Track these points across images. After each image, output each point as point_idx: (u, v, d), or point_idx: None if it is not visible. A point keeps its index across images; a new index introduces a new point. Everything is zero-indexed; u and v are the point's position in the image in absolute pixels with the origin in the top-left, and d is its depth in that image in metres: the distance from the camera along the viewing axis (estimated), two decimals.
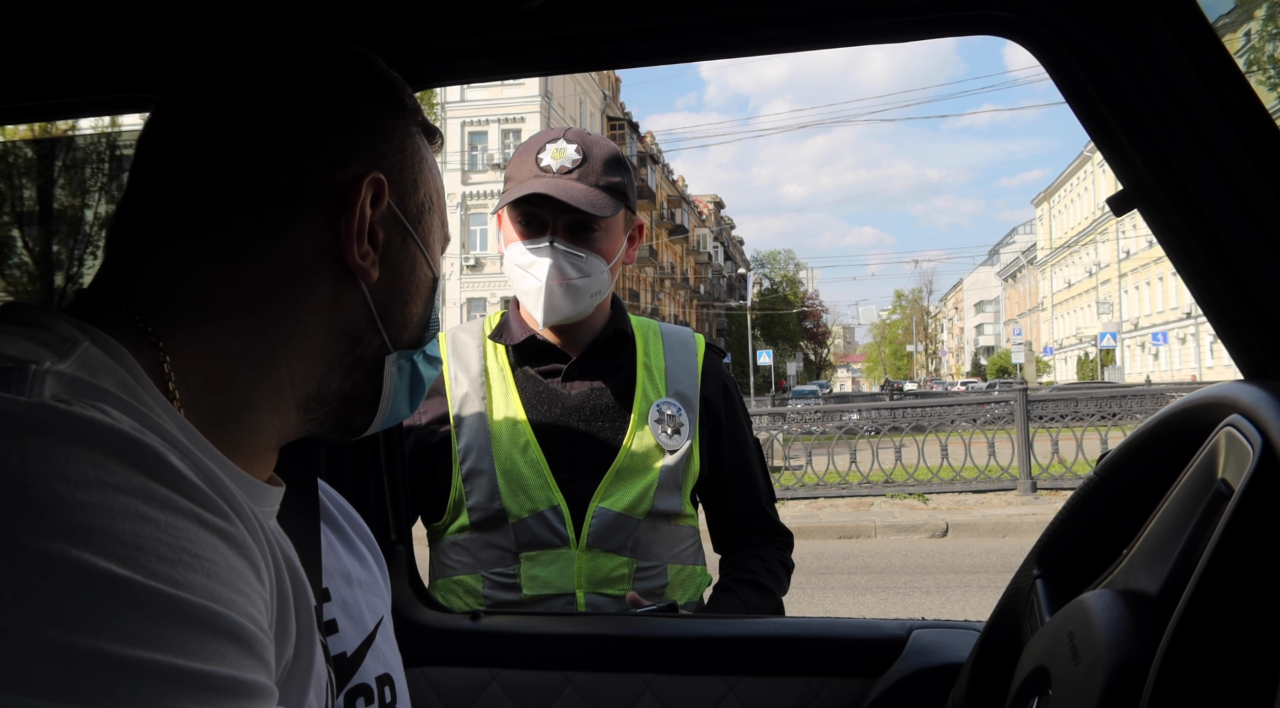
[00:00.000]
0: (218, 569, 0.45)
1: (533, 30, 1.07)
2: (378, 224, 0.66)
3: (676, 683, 1.27)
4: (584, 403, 1.53)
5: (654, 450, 1.52)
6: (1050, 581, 0.86)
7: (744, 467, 1.64)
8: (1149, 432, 0.81)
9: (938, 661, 1.18)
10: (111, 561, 0.41)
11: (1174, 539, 0.64)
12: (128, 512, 0.43)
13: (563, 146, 1.50)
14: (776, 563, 1.63)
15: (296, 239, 0.63)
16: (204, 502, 0.47)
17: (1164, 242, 0.95)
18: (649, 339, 1.62)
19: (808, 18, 1.08)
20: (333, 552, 0.78)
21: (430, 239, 0.72)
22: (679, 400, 1.57)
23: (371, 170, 0.65)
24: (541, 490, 1.47)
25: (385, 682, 0.78)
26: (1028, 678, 0.73)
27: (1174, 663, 0.54)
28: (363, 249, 0.65)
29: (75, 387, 0.48)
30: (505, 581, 1.47)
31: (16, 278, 3.06)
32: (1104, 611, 0.64)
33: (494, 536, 1.48)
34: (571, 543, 1.47)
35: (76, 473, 0.42)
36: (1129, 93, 0.93)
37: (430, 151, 0.74)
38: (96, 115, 1.31)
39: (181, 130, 0.64)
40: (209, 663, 0.42)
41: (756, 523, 1.66)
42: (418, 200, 0.70)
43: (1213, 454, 0.65)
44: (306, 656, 0.58)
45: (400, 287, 0.69)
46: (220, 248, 0.62)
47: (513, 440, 1.49)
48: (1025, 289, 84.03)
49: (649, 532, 1.50)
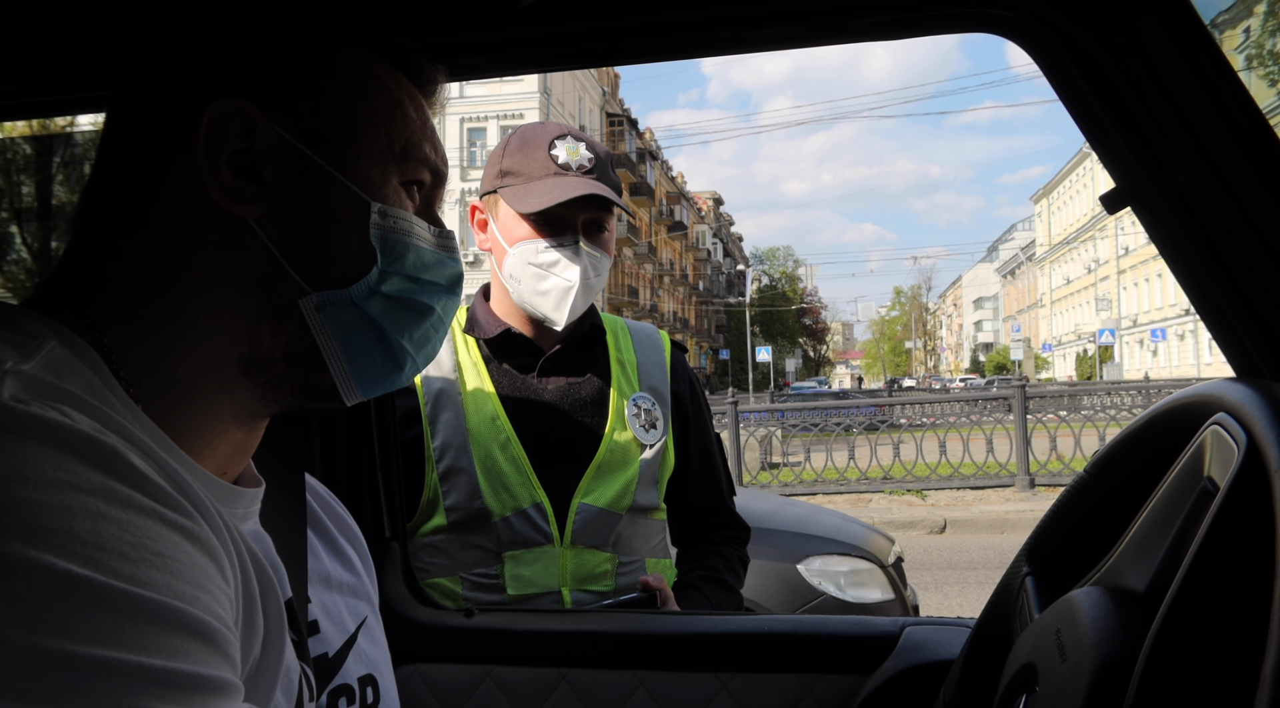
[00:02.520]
0: (181, 567, 0.45)
1: (526, 27, 1.07)
2: (264, 155, 0.61)
3: (670, 680, 1.27)
4: (562, 398, 1.51)
5: (633, 445, 1.51)
6: (1040, 578, 0.86)
7: (709, 461, 1.65)
8: (1138, 430, 0.81)
9: (930, 657, 1.18)
10: (72, 561, 0.41)
11: (1160, 537, 0.64)
12: (88, 511, 0.43)
13: (574, 145, 1.48)
14: (736, 560, 1.64)
15: (171, 189, 0.60)
16: (166, 500, 0.47)
17: (1157, 240, 0.95)
18: (619, 334, 1.62)
19: (802, 15, 1.08)
20: (313, 554, 0.78)
21: (355, 160, 0.63)
22: (652, 395, 1.56)
23: (223, 98, 0.60)
24: (523, 488, 1.45)
25: (368, 682, 0.78)
26: (1016, 675, 0.74)
27: (1159, 660, 0.54)
28: (226, 183, 0.60)
29: (36, 387, 0.48)
30: (487, 581, 1.45)
31: (14, 274, 3.06)
32: (1091, 608, 0.64)
33: (474, 536, 1.45)
34: (555, 540, 1.45)
35: (35, 473, 0.42)
36: (1122, 91, 0.93)
37: (372, 68, 0.66)
38: (96, 112, 1.31)
39: (111, 117, 0.64)
40: (173, 660, 0.42)
41: (718, 517, 1.67)
42: (328, 120, 0.63)
43: (1199, 452, 0.65)
44: (275, 653, 0.57)
45: (307, 217, 0.61)
46: (125, 221, 0.61)
47: (492, 437, 1.46)
48: (1024, 286, 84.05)
49: (629, 527, 1.50)
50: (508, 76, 1.28)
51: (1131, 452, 0.82)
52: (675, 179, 65.33)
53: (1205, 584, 0.55)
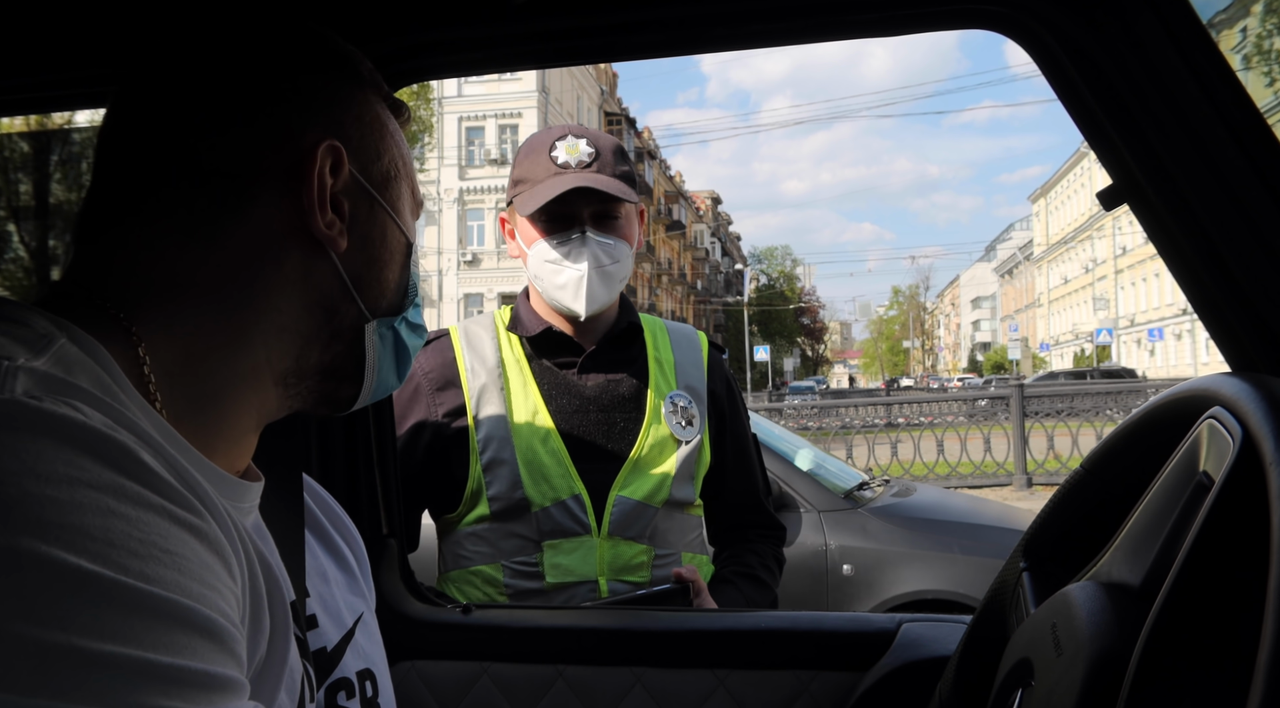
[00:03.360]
0: (189, 565, 0.45)
1: (522, 23, 1.07)
2: (341, 193, 0.66)
3: (667, 676, 1.27)
4: (601, 394, 1.56)
5: (669, 441, 1.55)
6: (1036, 573, 0.87)
7: (745, 460, 1.68)
8: (1134, 425, 0.81)
9: (927, 654, 1.18)
10: (82, 556, 0.41)
11: (1156, 531, 0.64)
12: (98, 508, 0.43)
13: (574, 142, 1.53)
14: (771, 558, 1.67)
15: (260, 214, 0.63)
16: (176, 498, 0.47)
17: (1153, 237, 0.96)
18: (657, 334, 1.66)
19: (799, 11, 1.08)
20: (310, 553, 0.78)
21: (399, 205, 0.72)
22: (689, 393, 1.60)
23: (327, 138, 0.65)
24: (563, 479, 1.49)
25: (366, 676, 0.78)
26: (1012, 670, 0.74)
27: (1153, 654, 0.54)
28: (327, 218, 0.64)
29: (48, 383, 0.48)
30: (528, 569, 1.49)
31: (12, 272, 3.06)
32: (1086, 602, 0.64)
33: (515, 525, 1.50)
34: (593, 531, 1.49)
35: (46, 469, 0.42)
36: (1119, 88, 0.93)
37: (393, 121, 0.73)
38: (93, 108, 1.30)
39: (139, 114, 0.64)
40: (180, 657, 0.42)
41: (754, 516, 1.69)
42: (382, 167, 0.70)
43: (1195, 447, 0.66)
44: (280, 652, 0.58)
45: (373, 254, 0.69)
46: (185, 229, 0.62)
47: (533, 430, 1.51)
48: (1022, 285, 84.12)
49: (665, 520, 1.54)
50: (506, 73, 1.29)
51: (1127, 447, 0.82)
52: (673, 178, 65.34)
53: (1201, 577, 0.55)
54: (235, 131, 0.63)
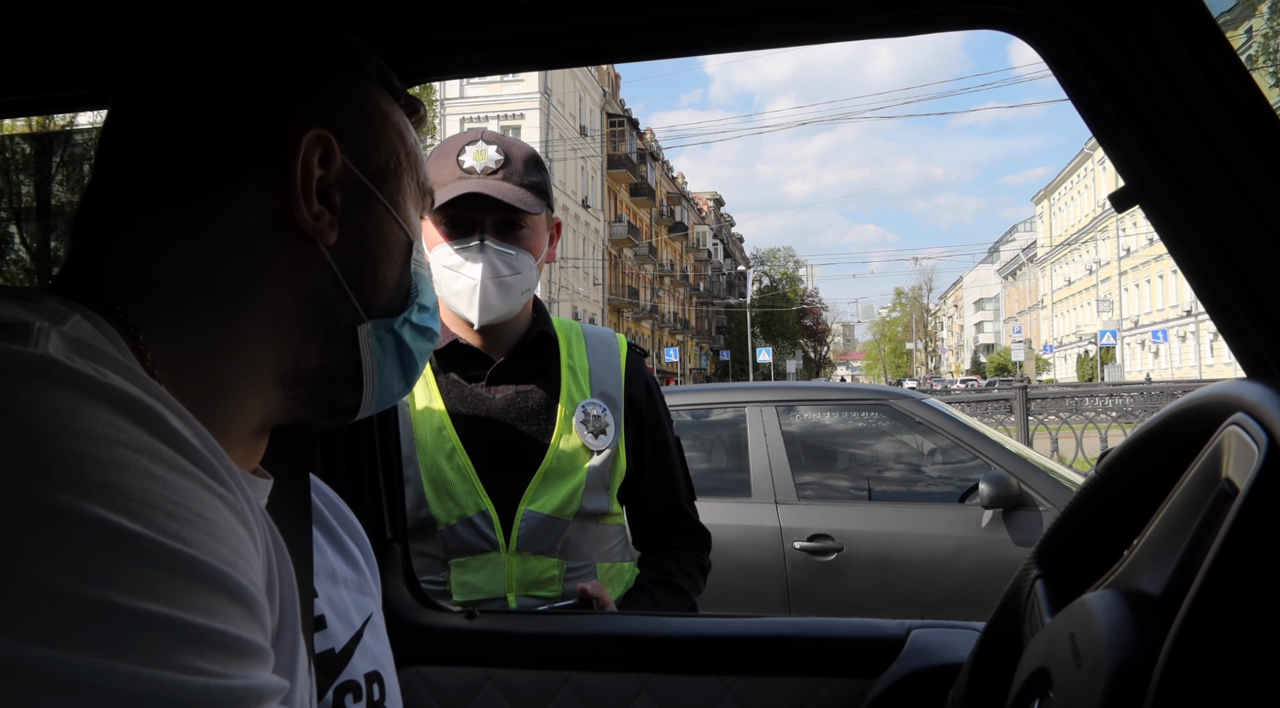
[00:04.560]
0: (221, 531, 0.45)
1: (528, 24, 1.06)
2: (334, 185, 0.64)
3: (673, 683, 1.26)
4: (509, 406, 1.53)
5: (580, 451, 1.52)
6: (1050, 580, 0.85)
7: (665, 465, 1.65)
8: (1151, 430, 0.80)
9: (937, 661, 1.17)
10: (122, 515, 0.40)
11: (1177, 540, 0.63)
12: (136, 468, 0.42)
13: (483, 147, 1.51)
14: (693, 564, 1.64)
15: (246, 205, 0.61)
16: (206, 466, 0.46)
17: (1166, 238, 0.94)
18: (572, 340, 1.63)
19: (807, 11, 1.07)
20: (319, 551, 0.77)
21: (400, 200, 0.69)
22: (604, 401, 1.57)
23: (314, 127, 0.62)
24: (469, 496, 1.47)
25: (374, 679, 0.78)
26: (1028, 680, 0.73)
27: (1178, 666, 0.53)
28: (314, 209, 0.62)
29: (77, 347, 0.48)
30: (435, 588, 1.47)
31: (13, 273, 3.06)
32: (1106, 612, 0.63)
33: (422, 544, 1.48)
34: (501, 547, 1.47)
35: (85, 427, 0.42)
36: (1131, 88, 0.92)
37: (400, 115, 0.71)
38: (95, 109, 1.30)
39: (137, 109, 0.64)
40: (215, 620, 0.42)
41: (676, 521, 1.67)
42: (380, 159, 0.67)
43: (1217, 453, 0.64)
44: (290, 639, 0.57)
45: (367, 249, 0.66)
46: (178, 224, 0.61)
47: (438, 446, 1.49)
48: (1025, 287, 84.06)
49: (578, 532, 1.51)
50: (511, 73, 1.28)
51: (1144, 453, 0.81)
52: (676, 180, 65.37)
53: (1226, 587, 0.54)
54: (227, 125, 0.62)
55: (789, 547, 4.11)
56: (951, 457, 4.42)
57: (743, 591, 4.05)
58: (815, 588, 4.05)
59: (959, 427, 4.32)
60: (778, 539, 4.14)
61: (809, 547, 4.08)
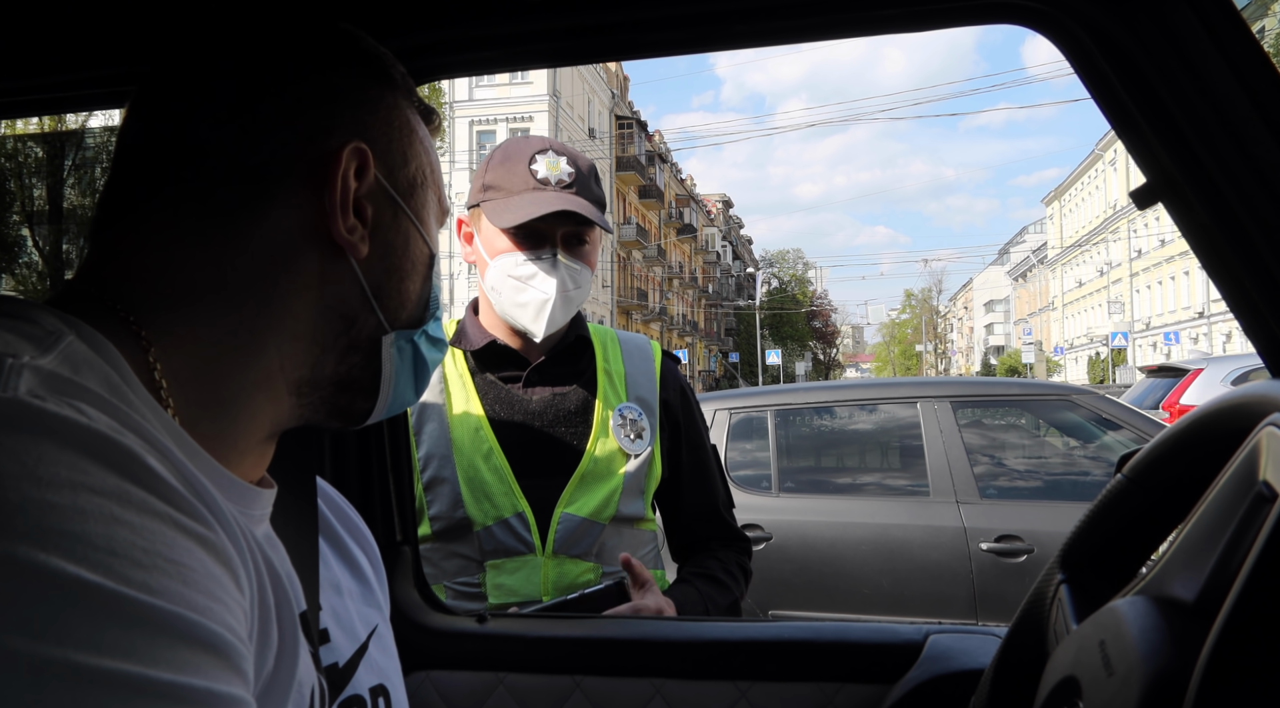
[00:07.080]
0: (195, 576, 0.43)
1: (538, 20, 1.05)
2: (365, 198, 0.64)
3: (687, 688, 1.24)
4: (546, 408, 1.52)
5: (617, 455, 1.51)
6: (1075, 586, 0.83)
7: (702, 471, 1.64)
8: (1181, 431, 0.78)
9: (955, 667, 1.15)
10: (82, 566, 0.39)
11: (1211, 545, 0.61)
12: (101, 515, 0.41)
13: (555, 159, 1.50)
14: (734, 564, 1.62)
15: (279, 215, 0.61)
16: (182, 506, 0.45)
17: (1189, 236, 0.92)
18: (607, 345, 1.62)
19: (822, 6, 1.05)
20: (324, 562, 0.76)
21: (424, 214, 0.69)
22: (639, 405, 1.56)
23: (353, 140, 0.63)
24: (505, 497, 1.46)
25: (379, 693, 0.76)
26: (1056, 688, 0.71)
27: (1216, 675, 0.51)
28: (349, 222, 0.62)
29: (53, 383, 0.46)
30: (470, 590, 1.46)
31: (25, 276, 3.07)
32: (1138, 619, 0.61)
33: (458, 545, 1.47)
34: (537, 550, 1.46)
35: (48, 473, 0.40)
36: (1153, 83, 0.90)
37: (424, 128, 0.71)
38: (112, 108, 1.29)
39: (156, 112, 0.62)
40: (183, 674, 0.40)
41: (714, 527, 1.65)
42: (409, 174, 0.68)
43: (1253, 455, 0.62)
44: (288, 667, 0.56)
45: (394, 262, 0.66)
46: (200, 229, 0.60)
47: (475, 447, 1.48)
48: (1035, 289, 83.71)
49: (613, 536, 1.50)
50: (521, 70, 1.27)
51: (1174, 455, 0.79)
52: (685, 182, 65.34)
53: (1265, 595, 0.52)
54: (255, 130, 0.61)
55: (974, 548, 3.91)
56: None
57: (926, 593, 3.89)
58: (1005, 591, 3.84)
59: (1150, 424, 4.19)
60: (962, 540, 3.93)
61: (996, 548, 3.90)
